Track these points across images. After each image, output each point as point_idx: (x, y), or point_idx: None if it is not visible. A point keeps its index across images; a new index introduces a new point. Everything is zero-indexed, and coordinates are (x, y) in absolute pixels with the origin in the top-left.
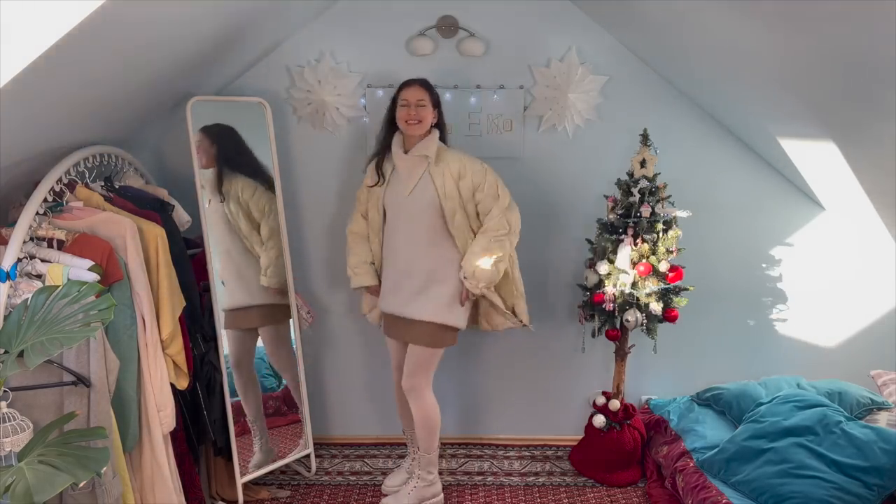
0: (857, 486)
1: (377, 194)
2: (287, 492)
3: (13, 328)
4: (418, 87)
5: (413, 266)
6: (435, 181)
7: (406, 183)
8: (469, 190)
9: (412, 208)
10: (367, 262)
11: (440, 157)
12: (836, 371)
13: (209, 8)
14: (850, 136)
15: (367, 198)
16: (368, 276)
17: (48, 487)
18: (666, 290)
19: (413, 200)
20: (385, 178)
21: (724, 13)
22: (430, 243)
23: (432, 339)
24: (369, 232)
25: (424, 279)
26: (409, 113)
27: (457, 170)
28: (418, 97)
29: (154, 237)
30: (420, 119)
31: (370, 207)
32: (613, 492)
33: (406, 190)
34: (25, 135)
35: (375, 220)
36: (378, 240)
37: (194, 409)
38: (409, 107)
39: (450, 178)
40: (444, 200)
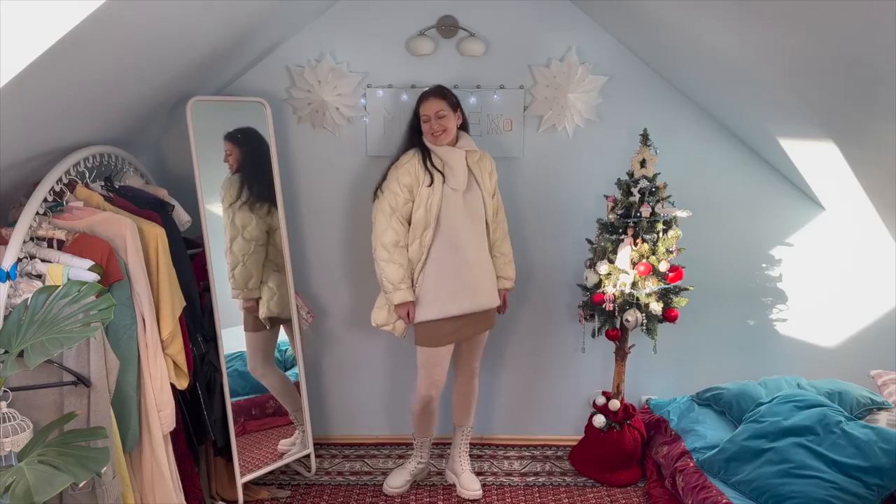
0: (857, 486)
1: (428, 193)
2: (287, 492)
3: (13, 328)
4: (434, 100)
5: (480, 259)
6: (476, 177)
7: (460, 178)
8: (493, 186)
9: (470, 204)
10: (408, 276)
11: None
12: (836, 371)
13: (209, 8)
14: (850, 136)
15: (405, 201)
16: (411, 293)
17: (48, 487)
18: (666, 290)
19: (469, 196)
20: (443, 175)
21: (725, 13)
22: (483, 236)
23: (490, 321)
24: (410, 234)
25: (485, 273)
26: (431, 127)
27: (490, 165)
28: (437, 109)
29: (154, 237)
30: (444, 128)
31: (416, 209)
32: (613, 492)
33: (461, 185)
34: (25, 135)
35: (422, 221)
36: (420, 243)
37: (194, 409)
38: (431, 121)
39: (486, 173)
40: (485, 195)
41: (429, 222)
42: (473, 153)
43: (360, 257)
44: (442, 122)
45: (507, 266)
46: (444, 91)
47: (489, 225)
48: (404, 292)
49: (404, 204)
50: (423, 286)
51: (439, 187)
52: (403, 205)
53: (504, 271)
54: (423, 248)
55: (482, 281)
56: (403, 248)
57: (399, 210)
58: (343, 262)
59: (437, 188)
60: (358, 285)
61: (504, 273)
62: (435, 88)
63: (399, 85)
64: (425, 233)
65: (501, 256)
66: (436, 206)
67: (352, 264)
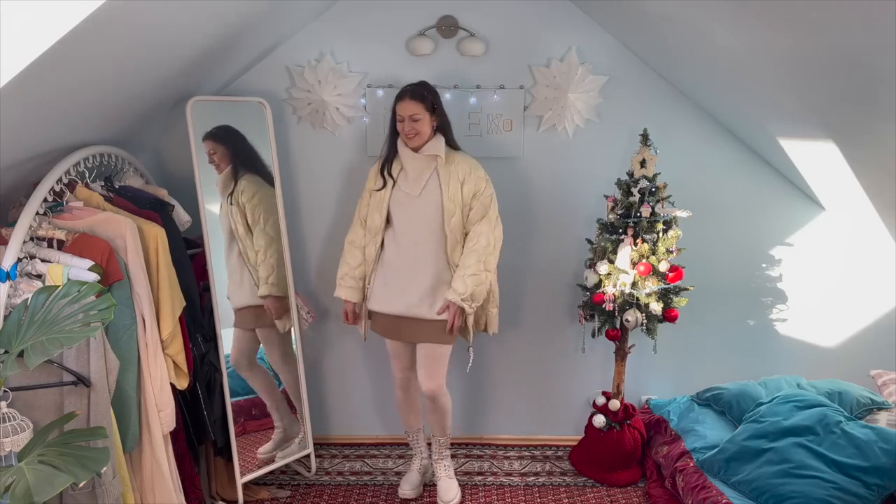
0: (857, 486)
1: (380, 197)
2: (287, 492)
3: (13, 328)
4: (409, 102)
5: (421, 267)
6: (441, 182)
7: (415, 183)
8: (469, 194)
9: (422, 209)
10: (355, 276)
11: (449, 159)
12: (836, 371)
13: (209, 8)
14: (850, 136)
15: (366, 203)
16: (353, 292)
17: (48, 487)
18: (666, 290)
19: (423, 201)
20: (393, 180)
21: (725, 13)
22: (438, 244)
23: (446, 336)
24: (366, 237)
25: (433, 279)
26: (403, 128)
27: (464, 173)
28: (411, 112)
29: (154, 237)
30: (417, 132)
31: (371, 211)
32: (613, 492)
33: (416, 190)
34: (25, 135)
35: (376, 222)
36: (375, 243)
37: (194, 409)
38: (404, 122)
39: (456, 180)
40: (446, 201)
41: (379, 226)
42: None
43: None
44: (415, 126)
45: (458, 279)
46: (422, 93)
47: (450, 234)
48: (341, 289)
49: (364, 207)
50: (373, 281)
51: (388, 192)
52: (364, 207)
53: (453, 281)
54: (377, 249)
55: (417, 287)
56: (357, 249)
57: (362, 212)
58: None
59: (387, 192)
60: None
61: (452, 282)
62: (412, 89)
63: (399, 85)
64: (376, 237)
65: (457, 269)
66: (384, 210)
67: None
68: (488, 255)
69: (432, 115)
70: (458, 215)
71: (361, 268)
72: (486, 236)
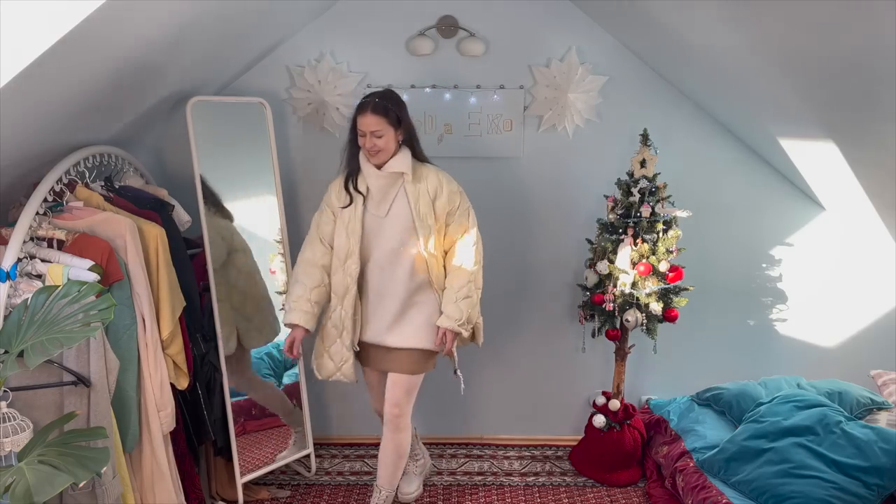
0: (857, 486)
1: (349, 216)
2: (287, 492)
3: (13, 328)
4: (371, 116)
5: (389, 291)
6: (410, 200)
7: (381, 203)
8: (443, 211)
9: (389, 230)
10: (311, 299)
11: (417, 174)
12: (836, 371)
13: (209, 8)
14: (850, 136)
15: (328, 221)
16: (308, 317)
17: (48, 487)
18: (666, 290)
19: (390, 221)
20: (363, 197)
21: (725, 13)
22: (406, 268)
23: (416, 366)
24: (333, 260)
25: (401, 305)
26: (364, 143)
27: (434, 188)
28: (373, 128)
29: (154, 237)
30: (379, 148)
31: (338, 233)
32: (613, 492)
33: (382, 210)
34: (25, 135)
35: (344, 246)
36: (344, 272)
37: (194, 409)
38: (366, 137)
39: (425, 195)
40: (417, 222)
41: (351, 250)
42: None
43: None
44: (377, 143)
45: (449, 303)
46: (386, 105)
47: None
48: (295, 314)
49: (326, 224)
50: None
51: (359, 210)
52: (325, 224)
53: (446, 307)
54: (349, 278)
55: (384, 314)
56: (316, 270)
57: (321, 229)
58: None
59: (357, 211)
60: None
61: (445, 308)
62: (374, 102)
63: (399, 85)
64: (349, 262)
65: (447, 289)
66: (357, 232)
67: None
68: (476, 272)
69: (397, 129)
70: (436, 236)
71: (319, 290)
72: (471, 253)
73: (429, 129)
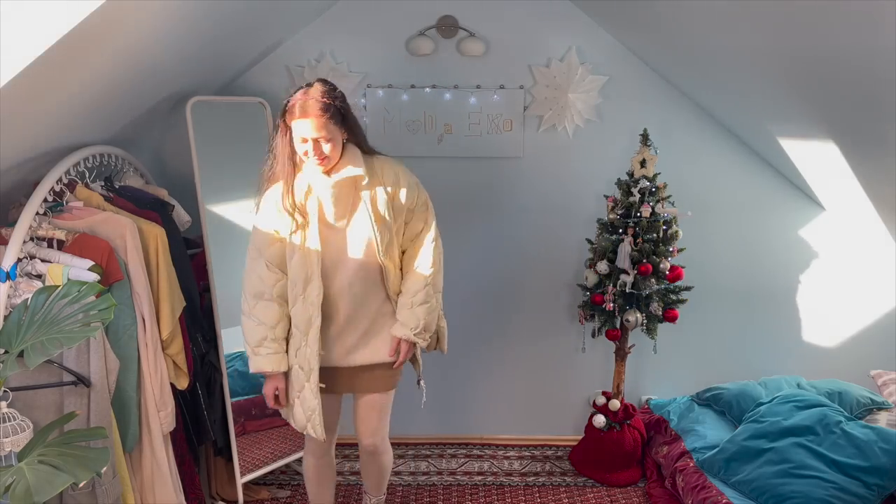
0: (857, 486)
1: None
2: (287, 492)
3: (13, 328)
4: (315, 119)
5: (357, 312)
6: (369, 204)
7: (339, 213)
8: (402, 208)
9: (354, 243)
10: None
11: (370, 170)
12: (836, 371)
13: (209, 8)
14: (850, 136)
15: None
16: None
17: (48, 487)
18: (666, 290)
19: (354, 233)
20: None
21: (724, 13)
22: (373, 279)
23: (390, 380)
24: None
25: (370, 321)
26: (308, 153)
27: (391, 182)
28: (317, 133)
29: (154, 237)
30: (327, 155)
31: (291, 259)
32: (613, 492)
33: (341, 222)
34: (25, 135)
35: (301, 273)
36: (305, 301)
37: (194, 409)
38: (309, 145)
39: (383, 196)
40: (378, 225)
41: (310, 275)
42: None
43: None
44: (326, 151)
45: (404, 309)
46: (325, 105)
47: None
48: (264, 359)
49: (270, 245)
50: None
51: (314, 228)
52: (269, 246)
53: (400, 313)
54: (311, 307)
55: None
56: (269, 302)
57: (265, 252)
58: None
59: (313, 229)
60: None
61: (399, 315)
62: (312, 101)
63: (399, 85)
64: (310, 289)
65: (401, 296)
66: (315, 254)
67: None
68: (436, 274)
69: (342, 125)
70: (394, 239)
71: (283, 324)
72: (430, 252)
73: (429, 129)
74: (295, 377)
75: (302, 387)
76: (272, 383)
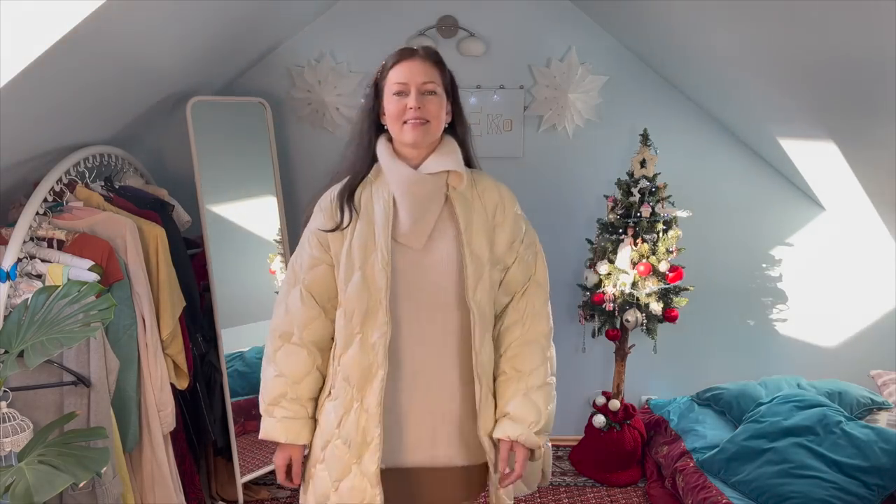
0: (857, 486)
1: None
2: (287, 492)
3: (13, 328)
4: (421, 61)
5: (434, 379)
6: (461, 221)
7: (416, 226)
8: (504, 244)
9: (434, 273)
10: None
11: (471, 181)
12: (836, 371)
13: (209, 8)
14: (850, 136)
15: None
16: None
17: (48, 487)
18: (666, 290)
19: (433, 258)
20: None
21: (725, 13)
22: (460, 334)
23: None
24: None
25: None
26: (404, 108)
27: (493, 205)
28: (422, 78)
29: (154, 237)
30: (425, 119)
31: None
32: (613, 492)
33: (418, 239)
34: (25, 135)
35: (361, 301)
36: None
37: (194, 409)
38: (408, 95)
39: (482, 218)
40: (468, 251)
41: (374, 305)
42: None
43: None
44: (428, 105)
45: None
46: (439, 57)
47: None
48: (278, 423)
49: (312, 267)
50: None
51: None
52: (311, 269)
53: (510, 403)
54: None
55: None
56: (297, 348)
57: (305, 277)
58: None
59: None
60: None
61: (508, 406)
62: (425, 46)
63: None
64: (372, 325)
65: (509, 374)
66: (384, 274)
67: None
68: (551, 343)
69: (450, 98)
70: (487, 278)
71: (311, 379)
72: (544, 314)
73: None
74: (335, 458)
75: (347, 472)
76: (285, 452)
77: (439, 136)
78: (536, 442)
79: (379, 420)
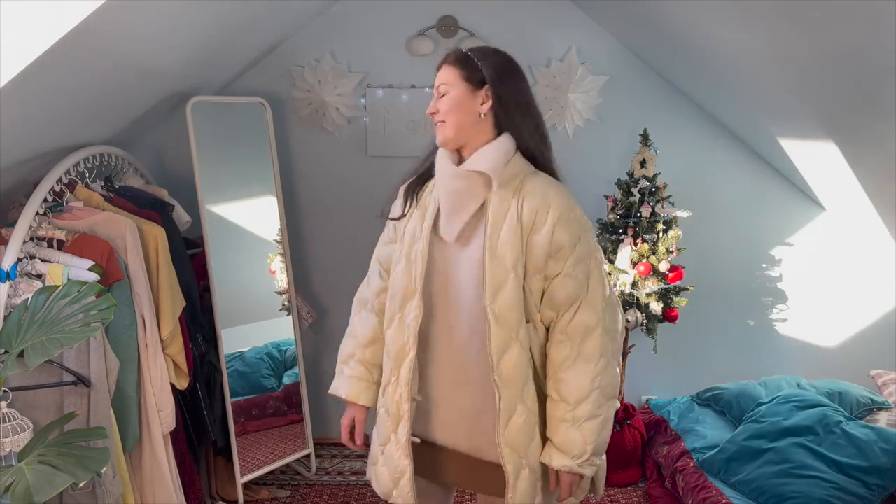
0: (857, 486)
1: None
2: (287, 492)
3: (13, 328)
4: (444, 66)
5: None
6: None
7: (451, 222)
8: (542, 250)
9: (462, 266)
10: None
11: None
12: (836, 371)
13: (209, 8)
14: (850, 136)
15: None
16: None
17: (48, 487)
18: (666, 290)
19: (464, 252)
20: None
21: (725, 13)
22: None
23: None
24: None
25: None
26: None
27: (534, 208)
28: (439, 81)
29: (154, 237)
30: (442, 118)
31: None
32: (613, 492)
33: (450, 233)
34: (25, 135)
35: (402, 282)
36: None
37: (194, 409)
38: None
39: (513, 217)
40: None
41: (412, 287)
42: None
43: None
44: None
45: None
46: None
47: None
48: (344, 380)
49: (387, 243)
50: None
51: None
52: (386, 245)
53: (556, 432)
54: (409, 331)
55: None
56: (370, 314)
57: (381, 252)
58: (343, 262)
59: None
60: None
61: (554, 435)
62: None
63: (399, 85)
64: (409, 306)
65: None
66: (422, 258)
67: (352, 264)
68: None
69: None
70: (514, 286)
71: (376, 347)
72: (597, 337)
73: (429, 129)
74: (381, 423)
75: (388, 438)
76: (350, 413)
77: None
78: (581, 472)
79: (408, 396)
